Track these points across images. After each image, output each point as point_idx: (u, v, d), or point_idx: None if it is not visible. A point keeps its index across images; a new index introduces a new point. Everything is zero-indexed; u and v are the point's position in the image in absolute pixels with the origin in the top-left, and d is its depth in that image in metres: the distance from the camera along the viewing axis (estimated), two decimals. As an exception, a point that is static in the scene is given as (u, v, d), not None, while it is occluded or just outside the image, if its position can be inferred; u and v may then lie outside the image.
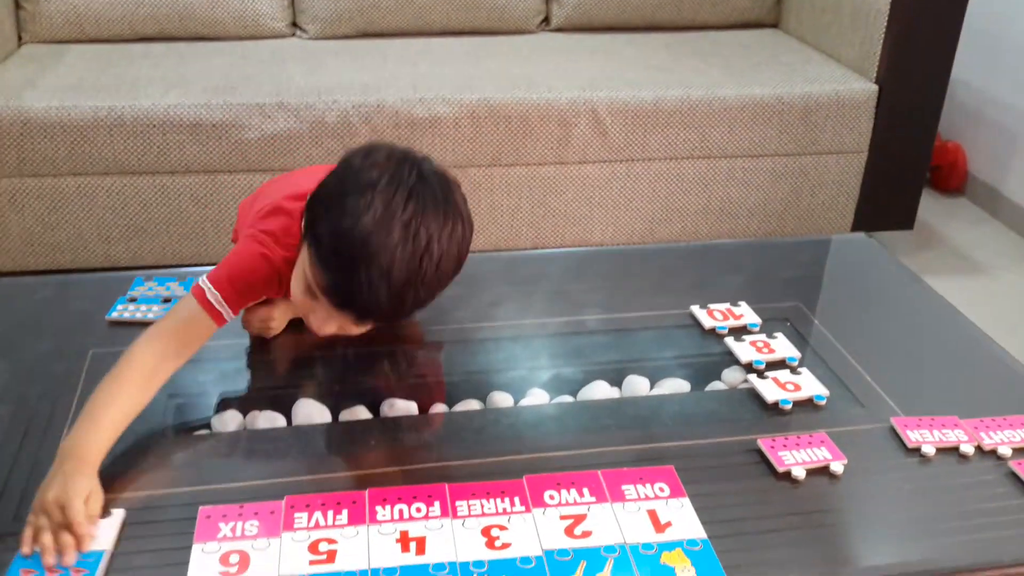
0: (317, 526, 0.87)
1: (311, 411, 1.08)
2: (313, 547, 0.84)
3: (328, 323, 0.98)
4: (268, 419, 1.07)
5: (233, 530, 0.86)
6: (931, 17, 2.32)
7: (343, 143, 2.16)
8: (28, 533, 0.87)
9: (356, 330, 0.99)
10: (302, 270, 0.96)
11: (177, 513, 0.90)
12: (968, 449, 1.02)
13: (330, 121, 2.13)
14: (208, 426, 1.08)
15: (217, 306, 1.03)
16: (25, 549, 0.86)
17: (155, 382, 0.99)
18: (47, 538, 0.86)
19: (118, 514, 0.90)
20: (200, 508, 0.89)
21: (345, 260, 0.90)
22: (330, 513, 0.88)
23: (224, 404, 1.10)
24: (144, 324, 1.20)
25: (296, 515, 0.88)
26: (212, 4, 2.50)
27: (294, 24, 2.63)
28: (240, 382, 1.14)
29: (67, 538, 0.85)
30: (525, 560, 0.84)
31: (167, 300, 1.26)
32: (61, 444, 0.94)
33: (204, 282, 1.04)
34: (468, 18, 2.67)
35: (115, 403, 0.96)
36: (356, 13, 2.58)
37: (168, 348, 1.01)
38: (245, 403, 1.10)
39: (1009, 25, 2.86)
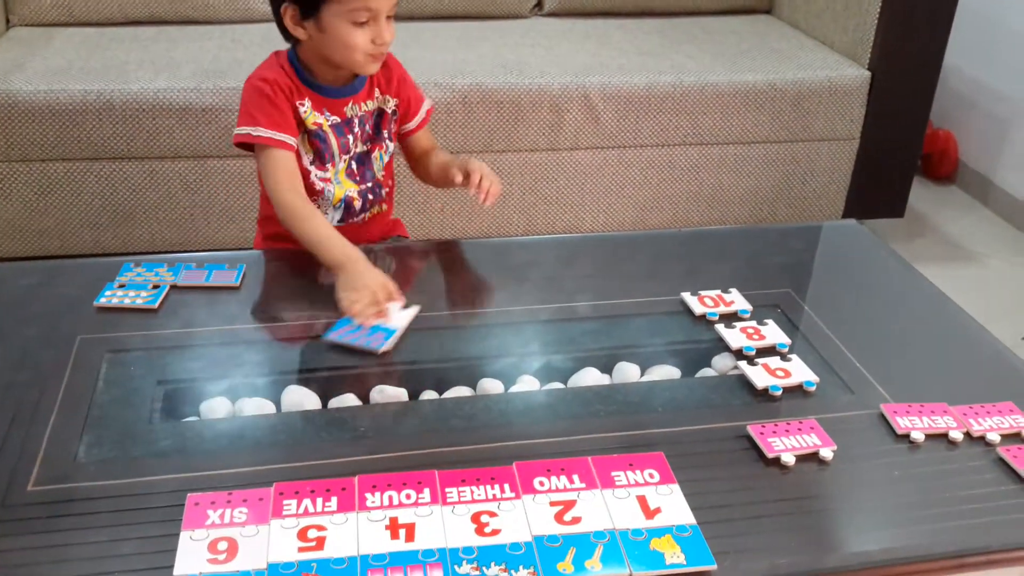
0: (306, 513, 0.86)
1: (300, 398, 1.07)
2: (302, 534, 0.84)
3: (388, 26, 1.34)
4: (257, 406, 1.07)
5: (221, 517, 0.86)
6: (924, 4, 2.32)
7: (334, 128, 2.14)
8: (342, 306, 1.20)
9: (390, 28, 1.34)
10: (338, 25, 1.30)
11: (165, 500, 0.90)
12: (957, 435, 1.03)
13: (320, 106, 2.12)
14: (197, 413, 1.07)
15: (265, 134, 1.34)
16: (371, 321, 1.18)
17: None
18: (357, 309, 1.18)
19: (411, 310, 1.22)
20: (188, 495, 0.89)
21: None
22: (319, 500, 0.88)
23: (212, 390, 1.09)
24: (132, 311, 1.20)
25: (285, 502, 0.88)
26: (203, -13, 2.49)
27: (284, 8, 2.61)
28: (229, 368, 1.14)
29: (375, 310, 1.19)
30: (515, 546, 0.84)
31: (156, 287, 1.25)
32: (332, 259, 1.27)
33: (241, 131, 1.35)
34: (460, 2, 2.66)
35: (321, 224, 1.33)
36: (347, -3, 2.56)
37: (289, 187, 1.35)
38: (233, 390, 1.10)
39: (1003, 13, 2.86)
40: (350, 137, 1.43)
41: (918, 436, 1.02)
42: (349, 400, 1.08)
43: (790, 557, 0.87)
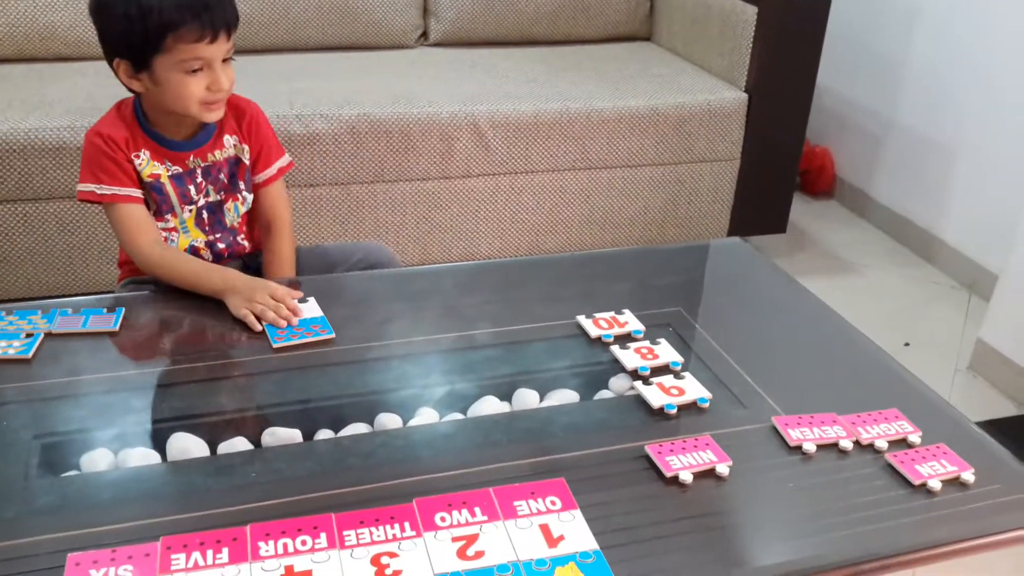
0: (196, 567, 0.82)
1: (187, 445, 1.03)
2: (192, 589, 0.80)
3: (225, 71, 1.33)
4: (141, 456, 1.02)
5: (105, 576, 0.81)
6: (796, 27, 2.41)
7: (218, 163, 2.09)
8: (251, 319, 1.23)
9: (228, 73, 1.33)
10: (167, 76, 1.29)
11: (44, 563, 0.84)
12: (847, 445, 1.05)
13: (203, 141, 2.06)
14: (77, 466, 1.02)
15: (108, 192, 1.35)
16: (259, 327, 1.23)
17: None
18: (272, 316, 1.23)
19: (312, 300, 1.29)
20: (69, 555, 0.84)
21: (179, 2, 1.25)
22: (209, 552, 0.84)
23: (93, 442, 1.04)
24: (4, 361, 1.13)
25: (173, 556, 0.83)
26: (75, 24, 2.40)
27: (162, 42, 2.55)
28: (110, 418, 1.08)
29: (290, 311, 1.25)
30: (417, 586, 0.82)
31: (29, 335, 1.18)
32: (214, 288, 1.29)
33: (85, 189, 1.36)
34: (345, 33, 2.64)
35: (188, 259, 1.36)
36: (227, 30, 2.51)
37: (145, 239, 1.36)
38: (116, 440, 1.05)
39: (869, 34, 3.01)
40: (191, 187, 1.42)
41: (810, 447, 1.04)
42: (239, 444, 1.04)
43: (693, 576, 0.88)
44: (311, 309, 1.28)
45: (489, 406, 1.14)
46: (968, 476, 1.01)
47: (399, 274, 1.51)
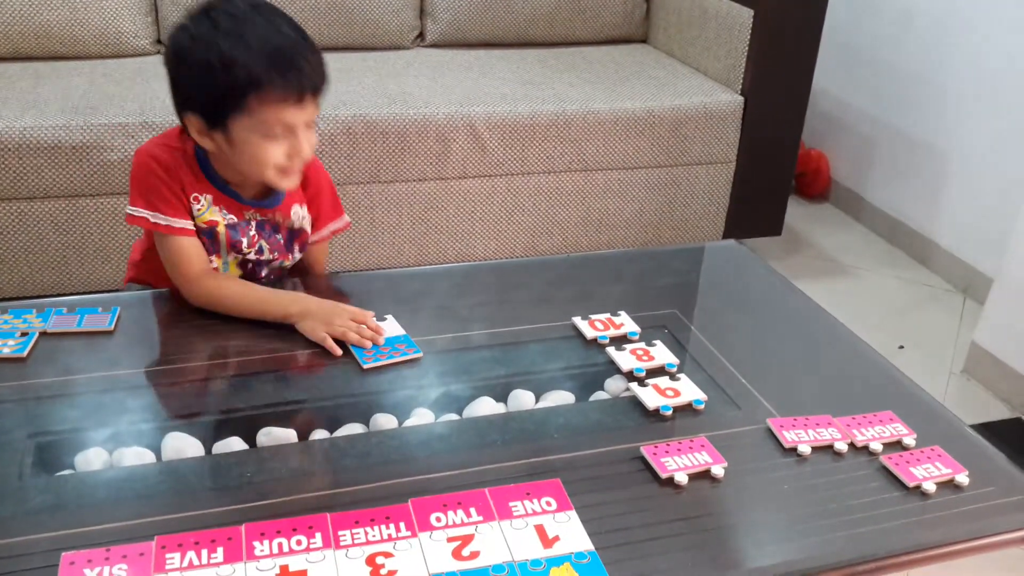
0: (191, 566, 0.82)
1: (182, 445, 1.03)
2: (187, 588, 0.80)
3: (308, 137, 1.23)
4: (136, 455, 1.02)
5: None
6: (792, 30, 2.42)
7: (214, 163, 2.09)
8: (330, 343, 1.18)
9: (310, 139, 1.24)
10: (246, 139, 1.19)
11: (39, 561, 0.84)
12: (842, 447, 1.06)
13: (199, 141, 2.06)
14: (72, 466, 1.02)
15: (164, 222, 1.26)
16: (339, 351, 1.18)
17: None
18: (355, 337, 1.19)
19: (391, 318, 1.26)
20: (63, 554, 0.83)
21: (278, 70, 1.16)
22: (204, 552, 0.84)
23: (88, 441, 1.04)
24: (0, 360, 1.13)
25: (168, 556, 0.83)
26: (71, 22, 2.39)
27: (159, 42, 2.54)
28: (105, 417, 1.08)
29: (372, 331, 1.21)
30: (412, 586, 0.82)
31: (24, 334, 1.18)
32: (286, 314, 1.22)
33: (136, 212, 1.27)
34: (341, 34, 2.64)
35: (254, 288, 1.28)
36: (224, 30, 2.51)
37: (203, 269, 1.28)
38: (111, 439, 1.04)
39: (865, 38, 3.01)
40: (244, 239, 1.34)
41: (805, 449, 1.05)
42: (234, 444, 1.04)
43: (688, 577, 0.88)
44: (393, 328, 1.25)
45: (485, 407, 1.14)
46: (962, 478, 1.02)
47: (395, 275, 1.51)
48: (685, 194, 2.52)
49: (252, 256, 1.36)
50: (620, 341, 1.26)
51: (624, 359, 1.21)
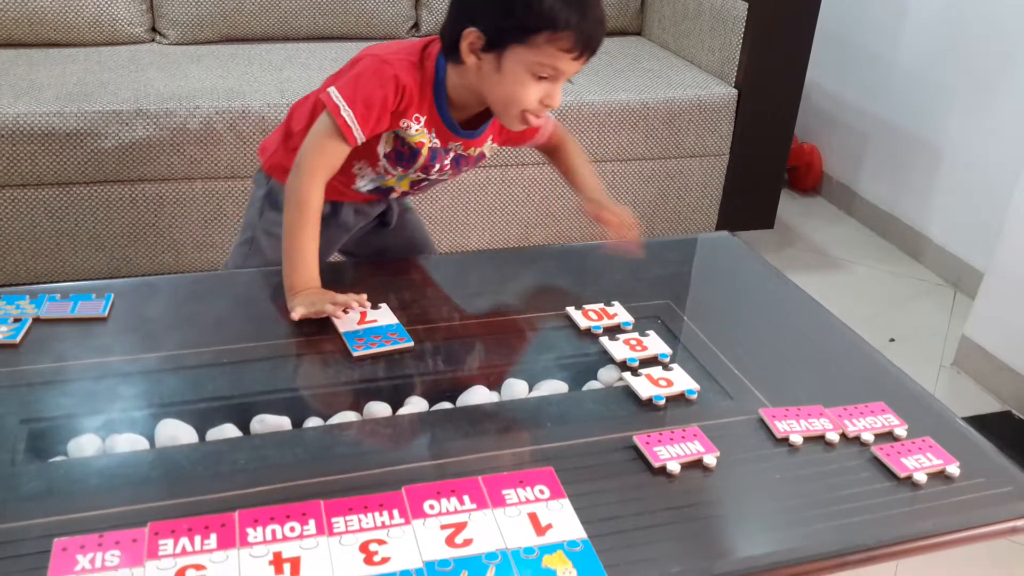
0: (184, 552, 0.82)
1: (175, 432, 1.03)
2: (180, 574, 0.80)
3: (558, 91, 1.24)
4: (129, 442, 1.01)
5: (92, 562, 0.81)
6: (786, 24, 2.42)
7: (206, 151, 2.09)
8: (297, 314, 1.19)
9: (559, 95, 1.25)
10: (514, 71, 1.20)
11: (31, 547, 0.84)
12: (833, 437, 1.06)
13: (192, 128, 2.06)
14: (64, 452, 1.01)
15: (351, 124, 1.23)
16: (342, 318, 1.20)
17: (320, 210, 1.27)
18: (330, 308, 1.19)
19: (384, 307, 1.25)
20: (55, 540, 0.83)
21: (588, 27, 1.18)
22: (197, 538, 0.84)
23: (81, 428, 1.04)
24: (-10, 346, 1.13)
25: (161, 542, 0.83)
26: (65, 9, 2.38)
27: (153, 29, 2.54)
28: (98, 403, 1.08)
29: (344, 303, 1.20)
30: (405, 574, 0.82)
31: (17, 320, 1.18)
32: (291, 280, 1.23)
33: (336, 97, 1.23)
34: (336, 23, 2.63)
35: (311, 238, 1.25)
36: (218, 17, 2.51)
37: (323, 177, 1.26)
38: (104, 426, 1.04)
39: (859, 32, 3.02)
40: (437, 165, 1.37)
41: (796, 439, 1.05)
42: (228, 431, 1.04)
43: (680, 566, 0.88)
44: (385, 316, 1.25)
45: (478, 395, 1.14)
46: (953, 469, 1.02)
47: (388, 264, 1.51)
48: (678, 186, 2.52)
49: (433, 177, 1.40)
50: (613, 331, 1.26)
51: (617, 349, 1.21)
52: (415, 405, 1.13)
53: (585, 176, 1.52)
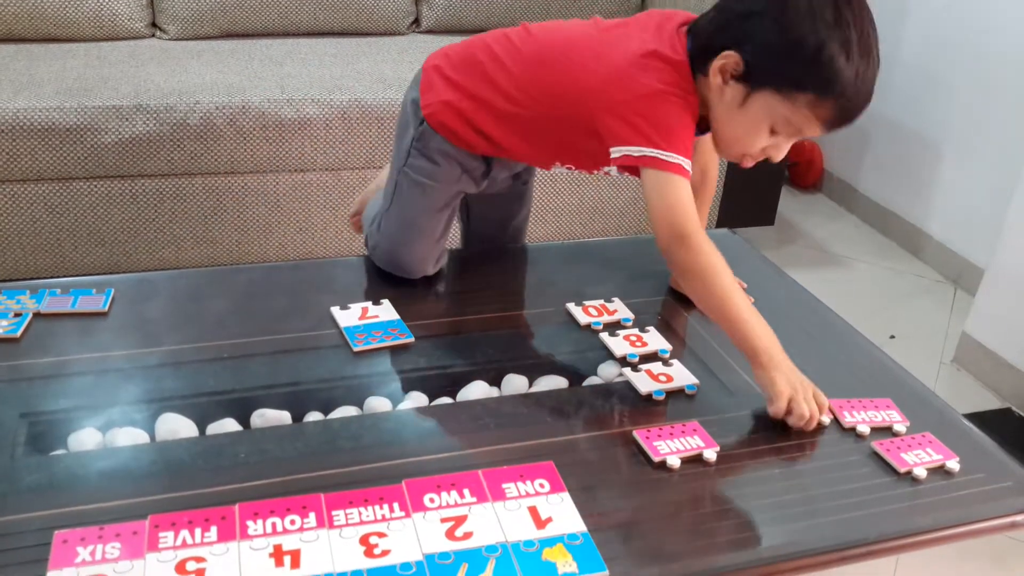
0: (184, 545, 0.83)
1: (175, 426, 1.03)
2: (180, 567, 0.80)
3: (772, 150, 1.15)
4: (129, 436, 1.02)
5: (92, 554, 0.81)
6: (786, 20, 2.41)
7: (206, 146, 2.09)
8: (777, 408, 1.05)
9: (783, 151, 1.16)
10: (753, 118, 1.10)
11: (31, 540, 0.84)
12: (834, 432, 1.06)
13: (192, 123, 2.06)
14: (64, 446, 1.02)
15: (674, 160, 1.11)
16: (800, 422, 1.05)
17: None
18: (803, 418, 1.05)
19: (386, 303, 1.25)
20: (56, 533, 0.84)
21: (856, 104, 1.08)
22: (198, 531, 0.84)
23: (81, 422, 1.04)
24: (-10, 340, 1.13)
25: (161, 535, 0.83)
26: (65, 3, 2.38)
27: (153, 24, 2.53)
28: (98, 398, 1.08)
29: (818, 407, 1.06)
30: (405, 566, 0.82)
31: (17, 315, 1.18)
32: (755, 345, 1.08)
33: (662, 153, 1.11)
34: (336, 19, 2.63)
35: (743, 298, 1.11)
36: (219, 13, 2.50)
37: (698, 222, 1.14)
38: (104, 420, 1.04)
39: (858, 29, 3.01)
40: None
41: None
42: (228, 426, 1.04)
43: (680, 560, 0.88)
44: (387, 312, 1.25)
45: (478, 390, 1.15)
46: (953, 465, 1.02)
47: (389, 259, 1.51)
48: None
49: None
50: (614, 327, 1.26)
51: (617, 345, 1.21)
52: (415, 400, 1.13)
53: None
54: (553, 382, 1.18)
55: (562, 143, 1.26)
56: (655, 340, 1.23)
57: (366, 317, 1.23)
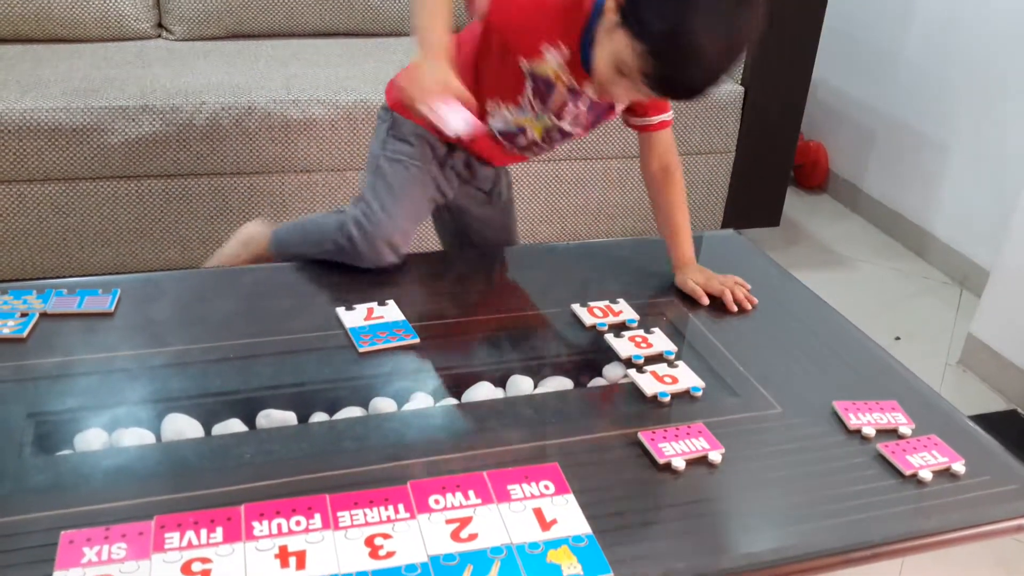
0: (190, 546, 0.83)
1: (181, 426, 1.03)
2: (186, 567, 0.81)
3: (627, 95, 1.20)
4: (135, 436, 1.02)
5: (99, 554, 0.81)
6: (793, 21, 2.41)
7: (212, 146, 2.09)
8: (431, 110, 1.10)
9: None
10: (611, 49, 1.12)
11: (38, 540, 0.85)
12: (840, 434, 1.06)
13: (198, 123, 2.06)
14: (71, 446, 1.02)
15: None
16: (448, 124, 1.09)
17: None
18: (440, 106, 1.09)
19: (391, 303, 1.26)
20: (62, 533, 0.84)
21: (677, 56, 1.07)
22: (203, 531, 0.84)
23: (87, 422, 1.04)
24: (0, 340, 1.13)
25: (167, 535, 0.84)
26: (72, 4, 2.38)
27: (160, 25, 2.53)
28: (105, 398, 1.08)
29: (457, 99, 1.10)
30: (410, 568, 0.82)
31: (24, 315, 1.18)
32: (419, 43, 1.18)
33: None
34: (342, 19, 2.63)
35: (442, 7, 1.21)
36: (225, 13, 2.50)
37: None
38: (110, 420, 1.05)
39: (865, 29, 3.01)
40: (570, 108, 1.33)
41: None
42: (234, 426, 1.04)
43: (684, 561, 0.88)
44: (392, 313, 1.25)
45: (483, 392, 1.15)
46: (959, 467, 1.02)
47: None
48: (684, 183, 2.52)
49: (566, 126, 1.36)
50: (619, 328, 1.26)
51: (622, 346, 1.21)
52: (420, 401, 1.13)
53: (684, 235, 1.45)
54: (558, 383, 1.19)
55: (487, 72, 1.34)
56: (660, 341, 1.23)
57: (371, 318, 1.24)
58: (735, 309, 1.33)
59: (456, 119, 1.10)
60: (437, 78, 1.14)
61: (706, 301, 1.34)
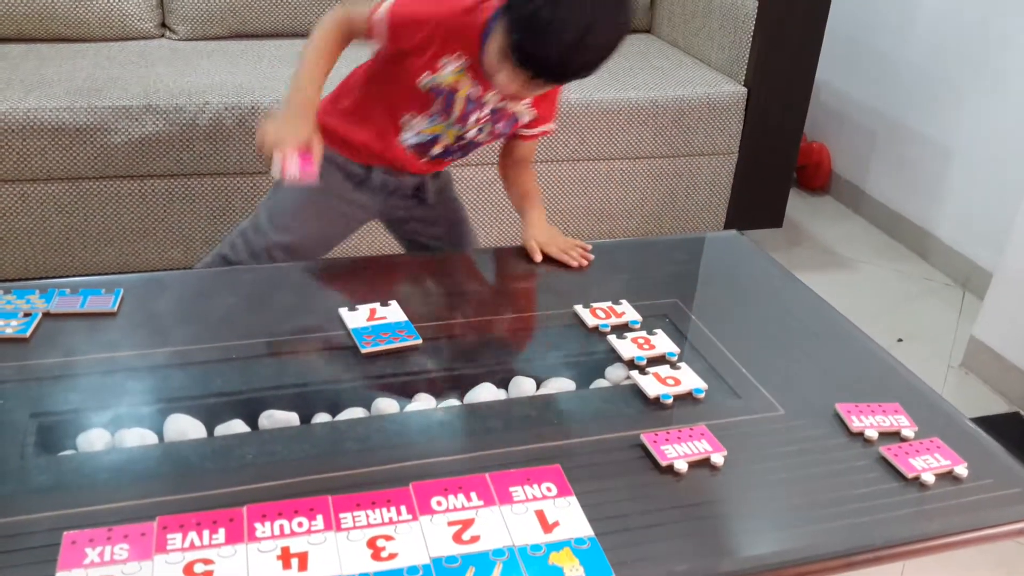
0: (192, 547, 0.83)
1: (184, 427, 1.03)
2: (188, 569, 0.81)
3: (511, 83, 1.27)
4: (138, 436, 1.02)
5: (101, 555, 0.82)
6: (796, 22, 2.41)
7: (215, 146, 2.09)
8: (276, 157, 1.25)
9: (526, 95, 1.36)
10: (496, 42, 1.24)
11: (40, 540, 0.85)
12: (842, 436, 1.06)
13: (202, 123, 2.06)
14: (74, 446, 1.02)
15: (377, 21, 1.34)
16: (276, 169, 1.25)
17: (334, 57, 1.40)
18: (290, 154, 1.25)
19: (394, 304, 1.27)
20: (64, 533, 0.84)
21: (534, 32, 1.19)
22: (206, 532, 0.84)
23: (90, 422, 1.04)
24: (1, 340, 1.13)
25: (169, 536, 0.84)
26: (75, 4, 2.39)
27: (163, 25, 2.54)
28: (107, 398, 1.08)
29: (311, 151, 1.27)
30: (412, 570, 0.83)
31: (27, 315, 1.19)
32: (288, 98, 1.34)
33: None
34: (344, 20, 2.63)
35: (315, 63, 1.38)
36: (228, 13, 2.51)
37: (336, 27, 1.39)
38: (113, 421, 1.05)
39: (868, 30, 3.01)
40: (473, 117, 1.42)
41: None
42: (236, 427, 1.04)
43: (687, 564, 0.88)
44: (395, 314, 1.26)
45: (486, 393, 1.15)
46: (961, 470, 1.02)
47: (397, 261, 1.51)
48: (687, 184, 2.52)
49: (471, 134, 1.45)
50: (621, 329, 1.26)
51: (625, 347, 1.21)
52: (423, 402, 1.13)
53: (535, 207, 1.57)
54: (560, 385, 1.19)
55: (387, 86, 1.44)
56: (663, 343, 1.23)
57: (374, 318, 1.24)
58: (575, 264, 1.43)
59: (292, 167, 1.27)
60: (297, 134, 1.29)
61: (538, 258, 1.43)
